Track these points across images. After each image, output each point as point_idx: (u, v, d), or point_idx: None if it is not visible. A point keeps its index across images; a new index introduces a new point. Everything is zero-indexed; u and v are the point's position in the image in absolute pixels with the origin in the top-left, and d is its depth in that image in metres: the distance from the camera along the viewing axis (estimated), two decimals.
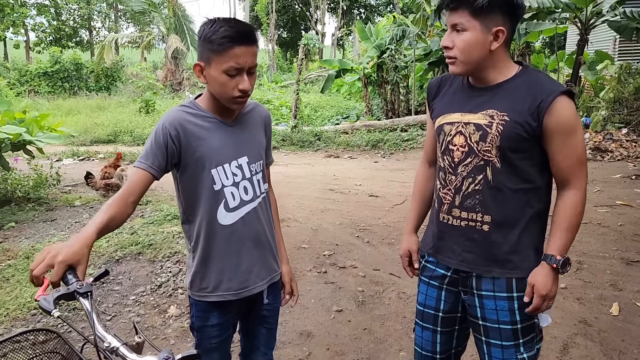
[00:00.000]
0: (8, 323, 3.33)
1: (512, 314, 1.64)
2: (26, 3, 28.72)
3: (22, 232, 5.13)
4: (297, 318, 3.45)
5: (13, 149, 5.62)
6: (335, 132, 11.65)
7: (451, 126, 1.66)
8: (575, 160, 1.57)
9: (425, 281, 1.84)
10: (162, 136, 1.59)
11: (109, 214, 1.43)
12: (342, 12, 33.17)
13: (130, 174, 1.61)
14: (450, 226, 1.70)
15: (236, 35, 1.52)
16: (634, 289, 3.75)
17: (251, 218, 1.73)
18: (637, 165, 7.99)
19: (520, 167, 1.60)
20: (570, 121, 1.54)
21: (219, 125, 1.68)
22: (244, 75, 1.57)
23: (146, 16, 22.03)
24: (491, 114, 1.59)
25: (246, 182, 1.72)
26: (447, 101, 1.73)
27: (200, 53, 1.60)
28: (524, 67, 1.64)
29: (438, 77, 1.83)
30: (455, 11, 1.55)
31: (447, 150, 1.68)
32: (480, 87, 1.65)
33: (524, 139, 1.55)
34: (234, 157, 1.69)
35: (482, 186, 1.62)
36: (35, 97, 19.21)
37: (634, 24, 10.61)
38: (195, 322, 1.80)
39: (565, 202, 1.61)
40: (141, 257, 4.43)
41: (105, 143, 11.62)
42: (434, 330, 1.84)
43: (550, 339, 3.09)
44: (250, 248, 1.75)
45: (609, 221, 5.30)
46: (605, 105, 10.08)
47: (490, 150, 1.58)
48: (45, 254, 1.25)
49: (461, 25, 1.54)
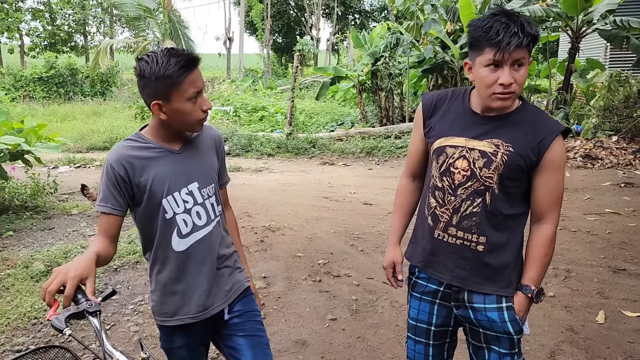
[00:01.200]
0: (9, 332, 3.39)
1: (504, 324, 1.75)
2: (21, 8, 28.71)
3: (21, 241, 5.20)
4: (292, 327, 3.53)
5: (11, 159, 5.69)
6: (330, 139, 11.75)
7: (454, 149, 1.72)
8: (556, 196, 1.71)
9: (417, 297, 1.91)
10: (112, 176, 1.63)
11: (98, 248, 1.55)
12: (337, 18, 33.38)
13: (99, 220, 1.67)
14: (444, 243, 1.77)
15: (188, 63, 1.58)
16: (620, 297, 3.86)
17: (206, 242, 1.76)
18: (626, 173, 8.13)
19: (513, 195, 1.72)
20: (561, 159, 1.68)
21: (166, 154, 1.71)
22: (203, 95, 1.65)
23: (141, 22, 22.06)
24: (497, 143, 1.67)
25: (199, 207, 1.74)
26: (449, 124, 1.77)
27: (153, 93, 1.60)
28: (524, 101, 1.75)
29: (432, 96, 1.86)
30: (521, 46, 1.55)
31: (448, 172, 1.74)
32: (486, 115, 1.72)
33: (523, 170, 1.67)
34: (184, 185, 1.71)
35: (480, 209, 1.70)
36: (30, 102, 19.23)
37: (624, 33, 10.80)
38: (163, 344, 1.86)
39: (540, 236, 1.74)
40: (139, 266, 4.50)
41: (102, 150, 11.67)
42: (426, 343, 1.91)
43: (537, 347, 3.18)
44: (207, 271, 1.77)
45: (597, 229, 5.41)
46: (595, 112, 10.23)
47: (493, 177, 1.67)
48: (56, 274, 1.34)
49: (522, 61, 1.58)
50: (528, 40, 1.55)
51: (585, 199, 6.70)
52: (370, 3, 37.73)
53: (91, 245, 1.55)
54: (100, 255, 1.53)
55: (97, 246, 1.55)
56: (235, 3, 34.89)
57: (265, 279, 4.22)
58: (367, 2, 37.51)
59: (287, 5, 34.40)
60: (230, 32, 30.27)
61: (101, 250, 1.55)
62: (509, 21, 1.57)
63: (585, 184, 7.49)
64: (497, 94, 1.61)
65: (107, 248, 1.60)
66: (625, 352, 3.11)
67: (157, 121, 1.69)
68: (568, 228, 5.49)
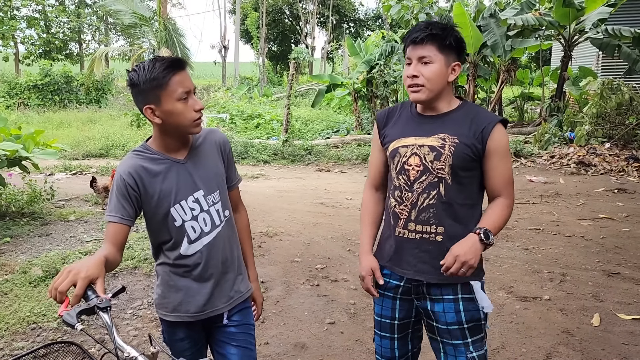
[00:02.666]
0: (8, 337, 3.39)
1: (458, 314, 1.84)
2: (16, 16, 28.69)
3: (18, 247, 5.19)
4: (291, 330, 3.55)
5: (9, 165, 5.69)
6: (325, 146, 11.80)
7: (406, 148, 1.86)
8: (506, 179, 1.84)
9: (380, 293, 1.98)
10: (123, 187, 1.69)
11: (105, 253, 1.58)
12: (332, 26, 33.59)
13: (107, 229, 1.71)
14: (406, 239, 1.88)
15: (172, 65, 1.63)
16: (614, 300, 3.91)
17: (213, 246, 1.82)
18: (619, 179, 8.22)
19: (467, 185, 1.84)
20: (505, 145, 1.83)
21: (172, 165, 1.76)
22: (193, 96, 1.69)
23: (137, 29, 22.11)
24: (443, 137, 1.82)
25: (204, 215, 1.80)
26: (400, 128, 1.92)
27: (144, 98, 1.65)
28: (464, 101, 1.92)
29: (385, 110, 2.03)
30: (424, 45, 1.76)
31: (403, 170, 1.86)
32: (430, 115, 1.88)
33: (471, 159, 1.81)
34: (190, 193, 1.77)
35: (435, 200, 1.82)
36: (25, 110, 19.17)
37: (615, 41, 10.96)
38: (166, 336, 1.90)
39: (496, 201, 1.86)
40: (137, 271, 4.51)
41: (98, 157, 11.65)
42: (391, 337, 1.99)
43: (534, 349, 3.22)
44: (212, 274, 1.83)
45: (591, 234, 5.48)
46: (588, 120, 10.35)
47: (444, 168, 1.80)
48: (67, 272, 1.36)
49: (429, 58, 1.77)
50: (426, 37, 1.75)
51: (579, 204, 6.77)
52: (364, 12, 38.02)
53: (100, 250, 1.59)
54: (108, 260, 1.57)
55: (105, 251, 1.59)
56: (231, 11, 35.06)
57: (263, 284, 4.24)
58: (361, 11, 37.80)
59: (282, 14, 34.58)
60: (225, 41, 30.40)
61: (109, 256, 1.58)
62: (425, 24, 1.80)
63: (579, 190, 7.57)
64: (409, 87, 1.82)
65: (114, 255, 1.63)
66: (620, 353, 3.15)
67: (158, 130, 1.74)
68: (563, 233, 5.55)
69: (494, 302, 3.91)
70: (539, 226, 5.82)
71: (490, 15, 12.32)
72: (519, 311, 3.75)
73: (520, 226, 5.86)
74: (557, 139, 10.67)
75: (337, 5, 34.01)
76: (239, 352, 1.87)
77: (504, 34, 12.15)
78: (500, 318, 3.65)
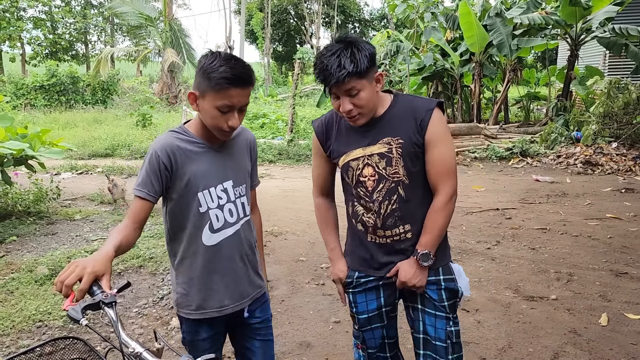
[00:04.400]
0: (14, 335, 3.40)
1: (440, 292, 1.90)
2: (22, 17, 28.84)
3: (24, 246, 5.21)
4: (296, 329, 3.54)
5: (15, 164, 5.71)
6: None
7: (357, 161, 1.86)
8: (444, 167, 1.82)
9: (360, 292, 2.00)
10: (155, 163, 1.68)
11: (119, 239, 1.56)
12: (337, 27, 33.55)
13: (132, 204, 1.71)
14: (378, 244, 1.91)
15: (234, 78, 1.60)
16: (622, 299, 3.87)
17: (234, 239, 1.81)
18: (626, 179, 8.17)
19: (422, 177, 1.86)
20: (441, 132, 1.81)
21: (207, 150, 1.77)
22: (234, 113, 1.67)
23: (142, 30, 22.20)
24: (388, 141, 1.83)
25: (231, 205, 1.80)
26: (344, 142, 1.91)
27: (197, 83, 1.67)
28: (395, 95, 1.91)
29: (321, 121, 2.00)
30: (345, 82, 1.70)
31: (359, 182, 1.87)
32: (368, 123, 1.84)
33: (419, 152, 1.82)
34: (219, 181, 1.78)
35: (397, 204, 1.84)
36: (31, 110, 19.27)
37: (622, 40, 10.89)
38: (187, 336, 1.88)
39: (432, 207, 1.86)
40: (142, 270, 4.52)
41: (103, 157, 11.69)
42: (382, 325, 2.02)
43: (541, 348, 3.20)
44: (233, 267, 1.83)
45: (598, 234, 5.44)
46: (595, 119, 10.28)
47: (398, 171, 1.82)
48: (73, 267, 1.35)
49: (354, 89, 1.72)
50: (344, 77, 1.68)
51: (586, 204, 6.73)
52: (369, 12, 37.96)
53: (112, 236, 1.56)
54: (122, 246, 1.56)
55: (119, 236, 1.57)
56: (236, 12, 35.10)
57: (269, 283, 4.23)
58: (366, 11, 37.75)
59: (287, 14, 34.59)
60: (230, 41, 30.41)
61: (123, 240, 1.57)
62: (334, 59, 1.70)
63: (585, 190, 7.52)
64: (347, 118, 1.80)
65: (131, 235, 1.62)
66: (629, 353, 3.12)
67: (199, 118, 1.75)
68: (569, 233, 5.51)
69: (500, 301, 3.89)
70: (546, 226, 5.79)
71: (496, 14, 12.28)
72: (526, 311, 3.73)
73: (526, 226, 5.83)
74: (563, 139, 10.62)
75: (342, 6, 33.99)
76: (262, 345, 1.96)
77: (510, 33, 12.11)
78: (507, 317, 3.63)
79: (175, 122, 15.18)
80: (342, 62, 1.69)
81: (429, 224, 1.84)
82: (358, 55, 1.70)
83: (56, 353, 1.33)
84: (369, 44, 1.75)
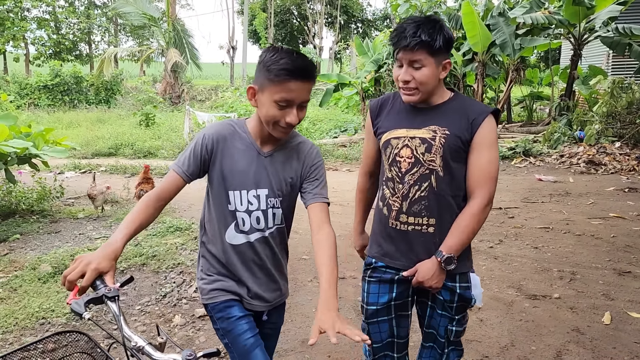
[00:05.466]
0: (17, 332, 3.41)
1: (453, 295, 1.90)
2: (26, 17, 28.95)
3: (27, 244, 5.23)
4: (298, 327, 3.55)
5: (19, 162, 5.73)
6: (333, 145, 11.80)
7: (398, 140, 1.87)
8: (486, 173, 1.81)
9: (375, 281, 2.00)
10: (199, 145, 1.69)
11: (138, 221, 1.55)
12: (340, 27, 33.58)
13: (166, 175, 1.69)
14: (398, 231, 1.90)
15: (295, 70, 1.55)
16: (625, 298, 3.87)
17: (259, 245, 1.78)
18: (630, 178, 8.15)
19: (458, 176, 1.85)
20: (492, 137, 1.82)
21: (253, 152, 1.73)
22: (293, 108, 1.61)
23: (145, 30, 22.29)
24: (434, 129, 1.83)
25: (259, 213, 1.75)
26: (392, 119, 1.93)
27: (256, 77, 1.65)
28: (456, 93, 1.94)
29: (378, 100, 2.03)
30: (414, 51, 1.75)
31: (395, 161, 1.88)
32: (422, 107, 1.89)
33: (462, 150, 1.82)
34: (254, 187, 1.73)
35: (427, 192, 1.83)
36: (35, 110, 19.34)
37: (626, 40, 10.85)
38: (220, 324, 1.77)
39: (466, 209, 1.84)
40: (145, 268, 4.53)
41: (107, 156, 11.72)
42: (389, 318, 2.01)
43: (544, 347, 3.19)
44: (253, 270, 1.80)
45: (602, 233, 5.42)
46: (598, 119, 10.26)
47: (435, 160, 1.82)
48: (78, 262, 1.36)
49: (420, 62, 1.76)
50: (416, 45, 1.72)
51: (589, 203, 6.71)
52: (372, 12, 37.98)
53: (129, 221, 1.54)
54: (137, 231, 1.55)
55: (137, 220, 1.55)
56: (239, 12, 35.17)
57: None
58: (369, 11, 37.77)
59: (290, 15, 34.63)
60: (233, 41, 30.49)
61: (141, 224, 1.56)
62: (414, 26, 1.75)
63: (589, 189, 7.51)
64: (402, 89, 1.84)
65: (151, 216, 1.60)
66: (632, 352, 3.12)
67: (258, 116, 1.72)
68: (572, 232, 5.50)
69: (503, 300, 3.89)
70: (549, 225, 5.78)
71: (499, 14, 12.26)
72: (529, 309, 3.72)
73: (529, 225, 5.82)
74: (566, 138, 10.59)
75: (345, 6, 34.01)
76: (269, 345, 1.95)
77: (513, 33, 12.08)
78: (510, 316, 3.62)
79: (178, 122, 15.21)
80: (419, 31, 1.73)
81: (460, 226, 1.81)
82: (436, 33, 1.74)
83: (59, 348, 1.33)
84: (450, 32, 1.79)
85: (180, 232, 5.50)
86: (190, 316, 3.68)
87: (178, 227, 5.57)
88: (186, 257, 4.70)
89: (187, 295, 4.01)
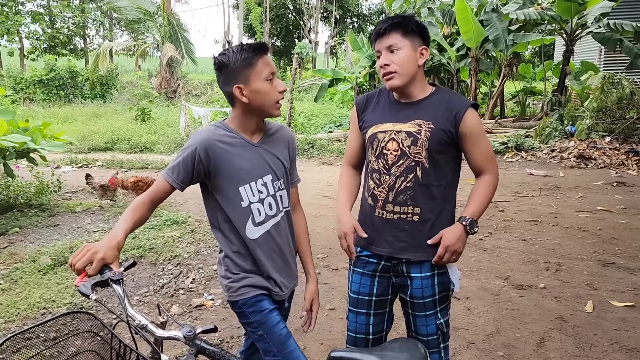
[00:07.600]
0: (19, 322, 3.52)
1: (433, 287, 1.99)
2: (21, 11, 28.85)
3: (27, 237, 5.32)
4: (292, 315, 3.63)
5: (17, 157, 5.81)
6: (328, 140, 11.90)
7: (384, 134, 1.98)
8: (486, 155, 1.98)
9: (358, 272, 2.10)
10: (190, 158, 1.74)
11: (134, 219, 1.66)
12: (335, 21, 33.58)
13: (157, 181, 1.79)
14: (384, 220, 1.99)
15: (260, 47, 1.76)
16: (608, 288, 4.00)
17: (274, 231, 1.87)
18: (619, 173, 8.29)
19: (442, 167, 1.96)
20: (478, 127, 1.95)
21: (246, 145, 1.83)
22: (277, 78, 1.80)
23: (141, 25, 22.23)
24: (419, 123, 1.93)
25: (270, 199, 1.86)
26: (378, 114, 2.04)
27: (234, 78, 1.74)
28: (437, 87, 2.04)
29: (364, 96, 2.14)
30: (389, 35, 1.89)
31: (382, 154, 1.98)
32: (405, 102, 2.00)
33: (446, 142, 1.93)
34: (259, 176, 1.84)
35: (413, 183, 1.94)
36: (30, 104, 19.32)
37: (617, 36, 10.98)
38: (254, 317, 1.83)
39: (482, 180, 2.00)
40: (143, 260, 4.63)
41: (103, 150, 11.79)
42: (367, 313, 2.10)
43: (528, 334, 3.33)
44: (274, 259, 1.88)
45: (588, 226, 5.56)
46: (589, 114, 10.40)
47: (421, 153, 1.92)
48: (85, 251, 1.47)
49: (395, 45, 1.89)
50: (389, 27, 1.87)
51: (578, 197, 6.85)
52: (368, 7, 38.01)
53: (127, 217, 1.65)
54: (135, 226, 1.66)
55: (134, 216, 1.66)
56: (234, 6, 35.11)
57: None
58: (365, 6, 37.78)
59: (286, 9, 34.59)
60: (229, 36, 30.45)
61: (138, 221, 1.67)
62: (386, 17, 1.93)
63: (578, 183, 7.65)
64: (384, 76, 1.93)
65: (146, 214, 1.71)
66: (612, 338, 3.25)
67: (238, 111, 1.82)
68: (560, 225, 5.64)
69: (490, 290, 4.02)
70: (537, 218, 5.91)
71: (493, 10, 12.36)
72: (514, 299, 3.85)
73: (518, 218, 5.95)
74: (558, 133, 10.73)
75: (340, 0, 34.01)
76: None
77: (506, 29, 12.19)
78: (496, 305, 3.75)
79: (174, 117, 15.26)
80: (392, 18, 1.90)
81: (479, 194, 1.97)
82: (408, 19, 1.89)
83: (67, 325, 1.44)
84: (423, 23, 1.94)
85: (177, 225, 5.61)
86: (188, 306, 3.79)
87: (175, 221, 5.67)
88: (183, 250, 4.81)
89: (184, 286, 4.13)
